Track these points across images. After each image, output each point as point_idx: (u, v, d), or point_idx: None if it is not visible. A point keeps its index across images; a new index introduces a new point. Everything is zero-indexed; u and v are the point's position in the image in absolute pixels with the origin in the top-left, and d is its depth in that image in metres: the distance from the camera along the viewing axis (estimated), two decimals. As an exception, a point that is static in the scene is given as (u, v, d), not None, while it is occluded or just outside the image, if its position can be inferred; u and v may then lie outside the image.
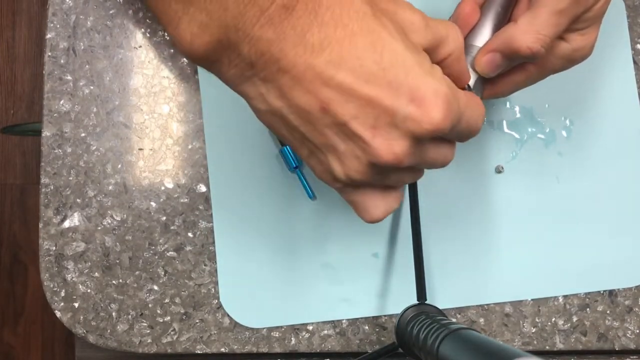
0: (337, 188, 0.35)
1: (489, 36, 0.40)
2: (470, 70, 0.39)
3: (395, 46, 0.30)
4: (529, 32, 0.37)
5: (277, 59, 0.30)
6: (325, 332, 0.50)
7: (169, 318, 0.49)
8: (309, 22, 0.29)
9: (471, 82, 0.39)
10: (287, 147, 0.49)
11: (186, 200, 0.50)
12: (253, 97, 0.32)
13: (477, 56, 0.39)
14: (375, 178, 0.33)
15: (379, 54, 0.30)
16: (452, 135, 0.34)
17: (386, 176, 0.34)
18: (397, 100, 0.30)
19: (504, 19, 0.40)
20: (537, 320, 0.51)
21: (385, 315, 0.50)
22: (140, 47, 0.51)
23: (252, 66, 0.30)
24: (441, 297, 0.50)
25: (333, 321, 0.50)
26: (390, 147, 0.31)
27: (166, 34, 0.51)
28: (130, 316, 0.49)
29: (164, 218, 0.50)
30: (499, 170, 0.51)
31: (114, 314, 0.49)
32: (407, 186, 0.49)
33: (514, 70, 0.41)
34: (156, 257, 0.49)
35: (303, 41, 0.29)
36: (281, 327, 0.50)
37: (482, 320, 0.51)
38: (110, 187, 0.50)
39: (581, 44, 0.40)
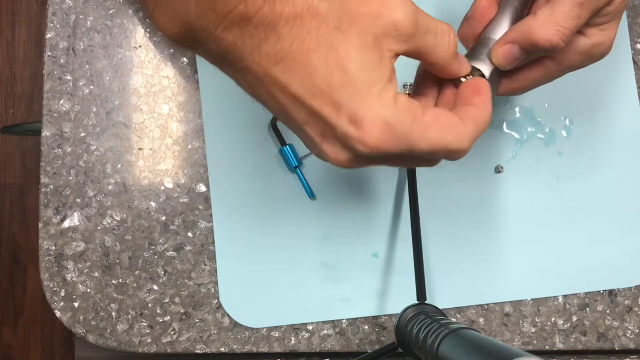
0: None
1: (507, 30, 0.39)
2: (487, 61, 0.39)
3: (349, 66, 0.30)
4: (548, 24, 0.36)
5: (239, 59, 0.31)
6: (325, 332, 0.50)
7: (169, 318, 0.49)
8: (266, 34, 0.30)
9: (487, 74, 0.38)
10: (287, 147, 0.49)
11: (186, 200, 0.50)
12: (233, 79, 0.34)
13: (494, 47, 0.38)
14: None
15: (329, 72, 0.30)
16: (418, 157, 0.33)
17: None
18: (339, 119, 0.31)
19: (522, 14, 0.39)
20: (537, 320, 0.51)
21: (385, 315, 0.50)
22: (140, 47, 0.50)
23: (222, 59, 0.32)
24: (441, 297, 0.50)
25: (333, 321, 0.50)
26: (336, 155, 0.33)
27: (166, 34, 0.51)
28: (130, 316, 0.49)
29: (164, 218, 0.50)
30: (499, 170, 0.51)
31: (114, 314, 0.49)
32: (407, 186, 0.49)
33: (532, 65, 0.40)
34: (156, 257, 0.49)
35: (260, 51, 0.30)
36: (281, 327, 0.50)
37: (482, 320, 0.51)
38: (110, 187, 0.50)
39: (601, 39, 0.39)
